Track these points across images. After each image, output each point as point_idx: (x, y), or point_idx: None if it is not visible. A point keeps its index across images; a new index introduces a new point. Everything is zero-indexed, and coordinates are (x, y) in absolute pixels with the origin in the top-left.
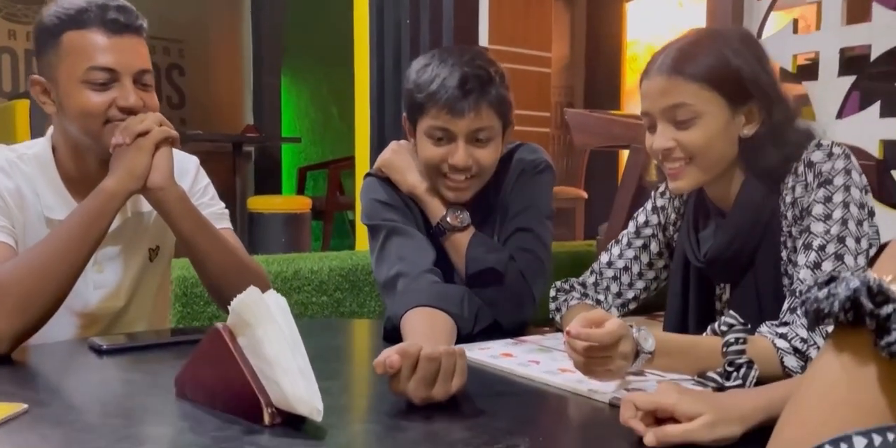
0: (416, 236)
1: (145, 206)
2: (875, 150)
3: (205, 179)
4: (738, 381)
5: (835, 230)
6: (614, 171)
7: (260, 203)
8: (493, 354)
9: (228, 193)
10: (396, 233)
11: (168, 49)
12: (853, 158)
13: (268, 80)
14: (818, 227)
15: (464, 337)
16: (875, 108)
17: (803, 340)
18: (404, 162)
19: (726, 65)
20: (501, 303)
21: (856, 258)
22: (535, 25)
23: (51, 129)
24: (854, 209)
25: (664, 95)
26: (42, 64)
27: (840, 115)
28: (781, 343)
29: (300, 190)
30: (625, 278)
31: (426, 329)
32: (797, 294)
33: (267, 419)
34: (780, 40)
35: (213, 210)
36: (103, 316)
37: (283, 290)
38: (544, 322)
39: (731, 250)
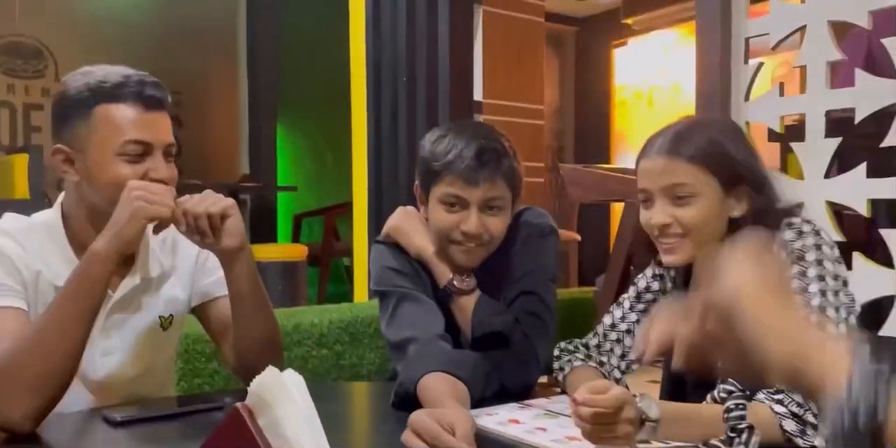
0: (427, 303)
1: (154, 271)
2: (863, 209)
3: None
4: (741, 447)
5: (814, 302)
6: (605, 213)
7: (256, 252)
8: (500, 421)
9: None
10: (407, 298)
11: None
12: (823, 233)
13: (263, 129)
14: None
15: (474, 402)
16: (861, 168)
17: (799, 405)
18: (412, 226)
19: (722, 151)
20: (507, 365)
21: (837, 326)
22: (528, 80)
23: (60, 198)
24: (829, 281)
25: (664, 175)
26: (66, 134)
27: (828, 174)
28: (779, 408)
29: (296, 237)
30: (627, 341)
31: (447, 394)
32: None
33: None
34: (767, 102)
35: (221, 275)
36: (114, 384)
37: (283, 345)
38: (548, 380)
39: None
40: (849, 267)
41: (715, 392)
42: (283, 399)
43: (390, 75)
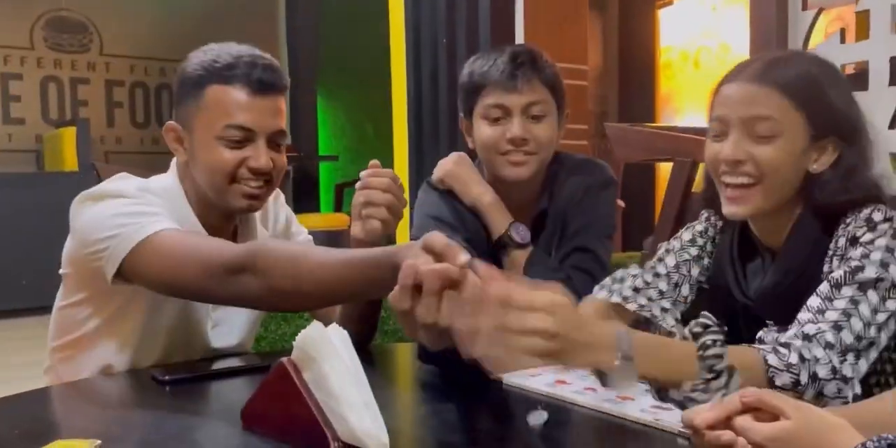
0: None
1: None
2: None
3: (289, 211)
4: (723, 391)
5: (869, 270)
6: (650, 179)
7: (300, 222)
8: (547, 382)
9: None
10: None
11: None
12: None
13: (304, 100)
14: (852, 263)
15: None
16: None
17: (802, 359)
18: (468, 173)
19: (819, 89)
20: None
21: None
22: (571, 39)
23: (173, 167)
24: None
25: (750, 104)
26: (180, 112)
27: (893, 125)
28: (773, 360)
29: (338, 206)
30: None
31: None
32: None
33: None
34: (827, 50)
35: (304, 239)
36: (216, 354)
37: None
38: None
39: (783, 287)
40: None
41: (687, 328)
42: (329, 354)
43: (430, 38)
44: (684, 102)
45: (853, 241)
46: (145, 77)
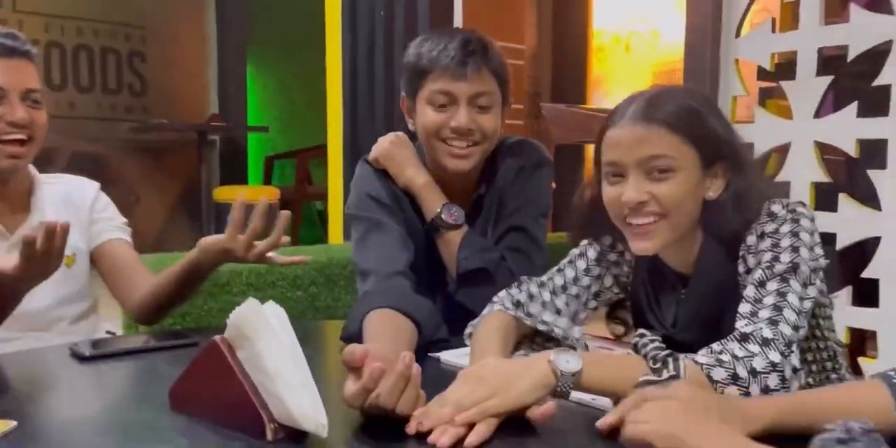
0: (396, 236)
1: (51, 216)
2: (852, 150)
3: (105, 199)
4: (673, 373)
5: (784, 258)
6: (580, 160)
7: (227, 193)
8: None
9: (194, 184)
10: (378, 228)
11: (129, 35)
12: (803, 220)
13: (233, 68)
14: (766, 257)
15: (426, 342)
16: (852, 108)
17: (734, 357)
18: (403, 154)
19: (701, 120)
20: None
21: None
22: (508, 17)
23: None
24: (803, 268)
25: (641, 145)
26: None
27: (818, 114)
28: (703, 359)
29: (267, 180)
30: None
31: (389, 333)
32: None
33: (270, 435)
34: (758, 39)
35: (116, 223)
36: (26, 314)
37: (257, 285)
38: None
39: (700, 317)
40: (834, 208)
41: (633, 342)
42: (264, 332)
43: (367, 9)
44: (614, 86)
45: (762, 235)
46: (61, 37)
